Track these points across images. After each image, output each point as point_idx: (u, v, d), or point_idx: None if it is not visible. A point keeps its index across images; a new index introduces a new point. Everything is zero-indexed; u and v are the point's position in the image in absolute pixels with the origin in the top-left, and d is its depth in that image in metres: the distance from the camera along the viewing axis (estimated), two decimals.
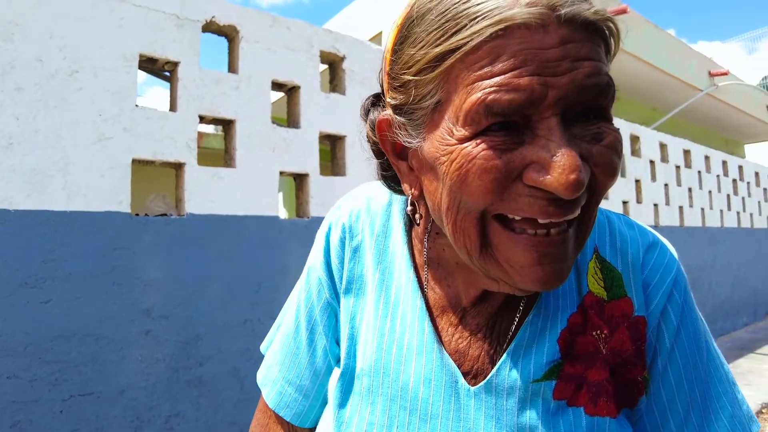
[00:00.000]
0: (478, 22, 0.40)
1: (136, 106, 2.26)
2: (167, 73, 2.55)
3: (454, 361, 0.53)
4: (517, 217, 0.43)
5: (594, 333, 0.51)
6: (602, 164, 0.42)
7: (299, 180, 2.84)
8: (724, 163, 7.42)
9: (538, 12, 0.39)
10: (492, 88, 0.39)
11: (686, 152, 6.54)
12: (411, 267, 0.57)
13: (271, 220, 2.61)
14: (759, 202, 8.32)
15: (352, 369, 0.57)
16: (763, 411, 3.98)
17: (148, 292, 2.20)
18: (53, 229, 2.01)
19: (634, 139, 5.63)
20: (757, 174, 8.32)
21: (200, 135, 6.56)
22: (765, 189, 8.58)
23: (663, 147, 6.09)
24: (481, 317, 0.53)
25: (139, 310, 2.18)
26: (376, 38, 6.81)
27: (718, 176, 7.17)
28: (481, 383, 0.51)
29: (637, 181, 5.54)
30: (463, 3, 0.41)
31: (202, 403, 2.30)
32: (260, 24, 2.68)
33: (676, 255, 0.56)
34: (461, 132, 0.42)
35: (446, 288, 0.55)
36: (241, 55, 2.60)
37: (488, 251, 0.45)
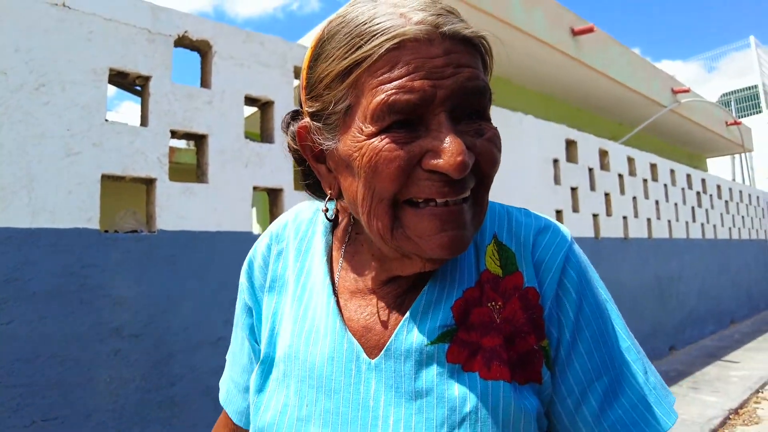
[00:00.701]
0: (377, 38, 0.49)
1: (106, 120, 2.22)
2: (138, 88, 2.51)
3: (360, 338, 0.58)
4: (422, 201, 0.52)
5: (489, 304, 0.56)
6: (484, 153, 0.52)
7: (273, 195, 2.82)
8: (689, 176, 7.67)
9: (426, 29, 0.49)
10: (392, 90, 0.49)
11: (653, 166, 6.74)
12: (325, 261, 0.64)
13: (245, 235, 2.58)
14: (721, 214, 8.61)
15: (271, 358, 0.63)
16: (731, 417, 4.07)
17: (118, 311, 2.14)
18: (16, 247, 1.94)
19: (603, 154, 5.77)
20: (719, 187, 8.63)
21: (172, 150, 6.46)
22: (726, 201, 8.90)
23: (631, 161, 6.26)
24: (389, 297, 0.60)
25: (108, 329, 2.11)
26: None
27: (683, 189, 7.40)
28: (381, 354, 0.56)
29: (607, 195, 5.68)
30: (365, 24, 0.51)
31: (175, 424, 2.24)
32: (234, 39, 2.67)
33: (569, 237, 0.61)
34: (369, 128, 0.50)
35: (359, 277, 0.62)
36: (214, 70, 2.59)
37: (399, 230, 0.53)
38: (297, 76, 3.01)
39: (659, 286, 6.50)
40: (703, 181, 8.15)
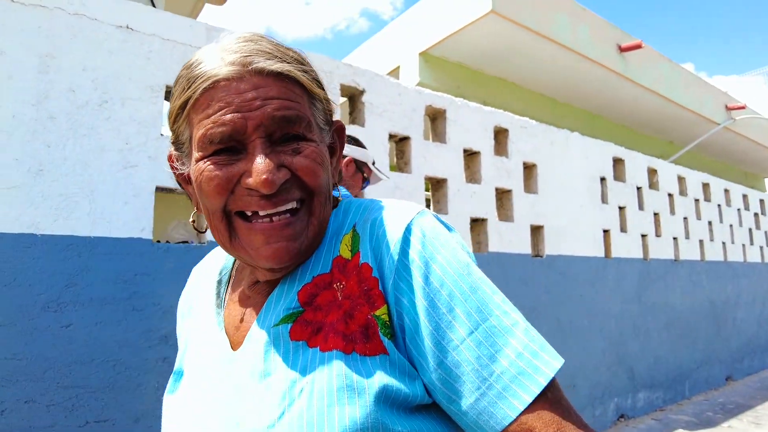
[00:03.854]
0: (198, 80, 0.59)
1: (161, 135, 2.32)
2: None
3: (232, 336, 0.66)
4: (250, 213, 0.60)
5: (335, 285, 0.61)
6: (302, 168, 0.59)
7: None
8: (745, 196, 7.31)
9: (236, 69, 0.57)
10: (210, 125, 0.57)
11: (705, 185, 6.48)
12: (217, 277, 0.75)
13: None
14: None
15: (180, 368, 0.73)
16: None
17: (167, 319, 2.21)
18: (77, 254, 2.05)
19: (652, 172, 5.60)
20: None
21: None
22: None
23: (681, 180, 6.04)
24: (259, 297, 0.67)
25: (157, 336, 2.18)
26: (395, 72, 6.95)
27: (738, 210, 7.06)
28: (242, 345, 0.63)
29: (656, 214, 5.49)
30: (192, 69, 0.60)
31: None
32: None
33: (413, 212, 0.63)
34: (197, 155, 0.60)
35: (241, 284, 0.71)
36: None
37: (236, 241, 0.62)
38: (343, 94, 3.08)
39: (713, 311, 6.18)
40: (762, 201, 7.76)
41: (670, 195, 5.76)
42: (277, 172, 0.57)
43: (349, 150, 2.09)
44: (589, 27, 6.79)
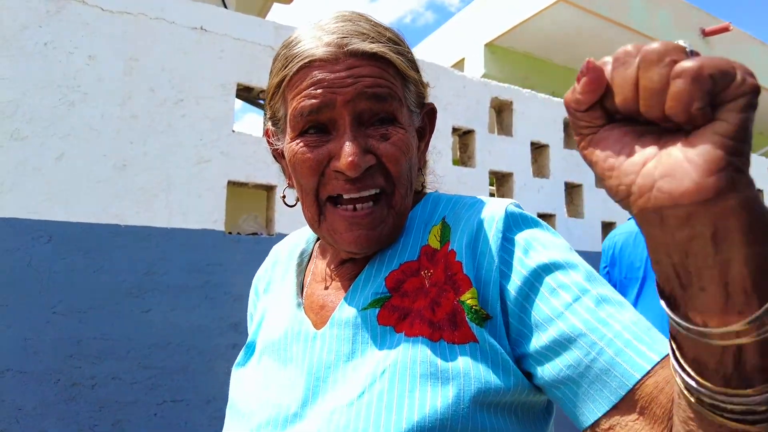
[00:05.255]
0: (295, 59, 0.60)
1: (233, 131, 2.42)
2: (261, 101, 2.72)
3: (316, 315, 0.67)
4: (339, 200, 0.61)
5: (423, 272, 0.62)
6: (387, 155, 0.60)
7: None
8: None
9: (331, 51, 0.58)
10: (301, 99, 0.59)
11: None
12: (297, 255, 0.76)
13: None
14: None
15: (253, 342, 0.73)
16: None
17: (237, 307, 2.31)
18: (155, 244, 2.18)
19: None
20: None
21: None
22: None
23: None
24: (344, 278, 0.68)
25: (227, 323, 2.29)
26: (459, 64, 6.86)
27: None
28: (326, 325, 0.63)
29: None
30: (290, 47, 0.61)
31: None
32: None
33: (507, 205, 0.62)
34: (291, 133, 0.62)
35: (324, 263, 0.72)
36: None
37: (323, 223, 0.63)
38: None
39: None
40: None
41: (759, 191, 5.32)
42: (364, 156, 0.58)
43: None
44: (669, 11, 6.38)
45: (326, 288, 0.69)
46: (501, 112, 3.55)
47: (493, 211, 0.61)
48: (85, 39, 2.13)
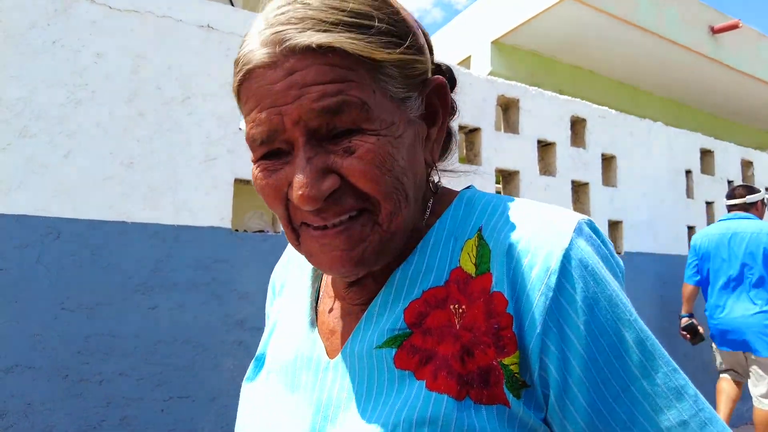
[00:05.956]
0: (238, 66, 0.50)
1: (240, 129, 2.43)
2: None
3: (327, 340, 0.58)
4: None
5: (452, 306, 0.50)
6: (353, 173, 0.47)
7: None
8: None
9: (268, 52, 0.46)
10: (250, 124, 0.48)
11: None
12: (312, 266, 0.65)
13: None
14: None
15: (263, 355, 0.65)
16: None
17: (243, 304, 2.32)
18: (162, 240, 2.19)
19: (746, 165, 5.15)
20: None
21: None
22: None
23: None
24: (353, 301, 0.58)
25: (233, 320, 2.30)
26: (465, 62, 6.85)
27: None
28: (338, 355, 0.55)
29: None
30: (239, 51, 0.50)
31: None
32: None
33: (569, 233, 0.48)
34: (252, 156, 0.52)
35: (334, 281, 0.62)
36: None
37: (301, 247, 0.54)
38: None
39: None
40: None
41: (767, 189, 5.28)
42: (322, 181, 0.47)
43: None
44: (677, 8, 6.34)
45: (336, 309, 0.60)
46: (507, 109, 3.54)
47: (548, 244, 0.48)
48: (93, 37, 2.15)
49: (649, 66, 6.90)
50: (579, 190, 3.79)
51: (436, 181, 0.61)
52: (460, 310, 0.50)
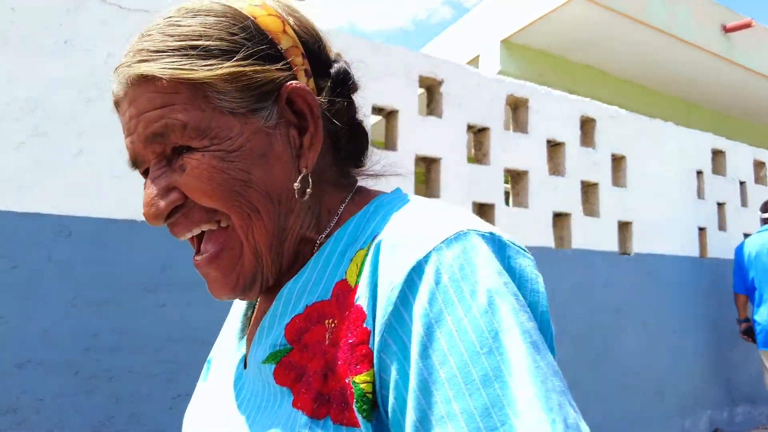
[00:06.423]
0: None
1: None
2: None
3: (249, 348, 0.57)
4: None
5: (327, 321, 0.48)
6: (189, 189, 0.50)
7: None
8: None
9: (118, 85, 0.51)
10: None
11: None
12: None
13: None
14: None
15: (210, 358, 0.68)
16: None
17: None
18: (171, 239, 2.20)
19: (759, 165, 5.10)
20: None
21: None
22: None
23: None
24: (260, 311, 0.60)
25: None
26: (474, 61, 6.83)
27: None
28: (249, 367, 0.56)
29: None
30: None
31: None
32: (363, 51, 2.79)
33: (434, 246, 0.43)
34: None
35: None
36: None
37: None
38: (422, 85, 3.07)
39: None
40: None
41: None
42: (164, 197, 0.50)
43: None
44: (689, 7, 6.28)
45: (258, 318, 0.60)
46: (517, 109, 3.53)
47: (410, 252, 0.44)
48: (104, 37, 2.16)
49: (660, 65, 6.84)
50: (588, 190, 3.77)
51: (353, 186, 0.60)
52: (332, 325, 0.47)
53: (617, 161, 3.94)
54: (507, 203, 3.38)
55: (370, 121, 2.83)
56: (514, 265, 0.46)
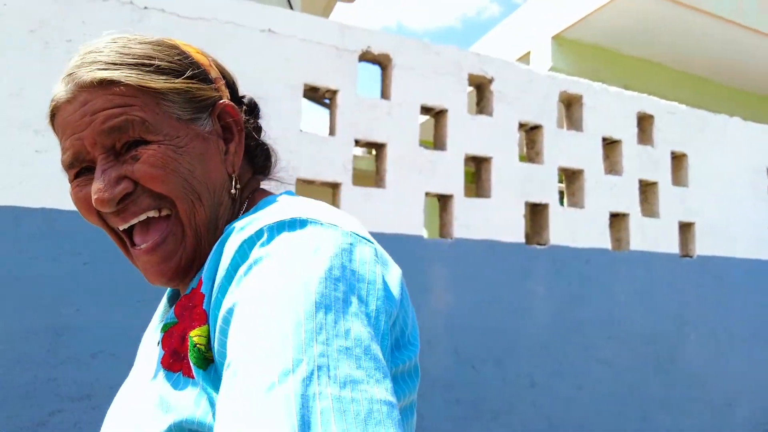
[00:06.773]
0: (49, 107, 0.60)
1: (300, 131, 2.48)
2: (327, 101, 2.76)
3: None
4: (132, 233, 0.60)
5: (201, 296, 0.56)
6: (141, 176, 0.56)
7: (443, 201, 2.86)
8: None
9: (68, 89, 0.57)
10: (62, 152, 0.59)
11: None
12: None
13: (416, 239, 2.66)
14: None
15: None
16: None
17: None
18: None
19: None
20: None
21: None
22: None
23: None
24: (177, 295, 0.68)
25: None
26: (525, 58, 6.68)
27: None
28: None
29: None
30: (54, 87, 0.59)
31: None
32: (412, 51, 2.79)
33: (271, 222, 0.51)
34: (69, 179, 0.61)
35: None
36: (394, 81, 2.73)
37: (134, 261, 0.62)
38: (471, 83, 3.03)
39: None
40: None
41: None
42: (115, 186, 0.56)
43: None
44: None
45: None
46: (570, 106, 3.43)
47: (250, 229, 0.52)
48: None
49: (724, 56, 6.48)
50: (647, 190, 3.61)
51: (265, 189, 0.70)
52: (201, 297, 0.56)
53: (677, 159, 3.76)
54: (561, 203, 3.28)
55: (419, 121, 2.82)
56: (352, 257, 0.51)
